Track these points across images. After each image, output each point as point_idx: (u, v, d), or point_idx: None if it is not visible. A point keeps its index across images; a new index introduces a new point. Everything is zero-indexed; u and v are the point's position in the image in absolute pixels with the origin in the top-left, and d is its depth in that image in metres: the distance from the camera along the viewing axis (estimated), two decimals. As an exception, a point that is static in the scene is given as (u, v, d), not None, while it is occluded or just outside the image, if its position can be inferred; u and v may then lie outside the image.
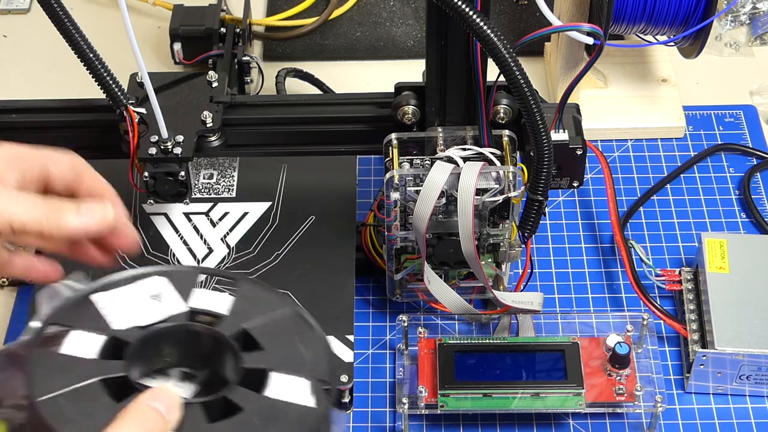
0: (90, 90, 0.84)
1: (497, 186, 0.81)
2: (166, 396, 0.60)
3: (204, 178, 0.99)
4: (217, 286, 0.74)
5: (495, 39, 0.73)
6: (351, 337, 0.88)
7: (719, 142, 1.07)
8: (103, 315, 0.65)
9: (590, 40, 0.78)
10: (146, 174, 0.85)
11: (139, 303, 0.66)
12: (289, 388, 0.63)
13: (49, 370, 0.61)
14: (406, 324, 0.87)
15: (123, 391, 0.61)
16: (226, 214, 0.97)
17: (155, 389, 0.60)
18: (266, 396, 0.63)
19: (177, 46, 1.11)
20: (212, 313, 0.67)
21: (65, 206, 0.67)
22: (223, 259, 0.93)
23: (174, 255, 0.93)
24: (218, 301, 0.68)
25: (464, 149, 0.83)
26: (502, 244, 0.87)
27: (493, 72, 0.78)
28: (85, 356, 0.62)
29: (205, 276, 0.72)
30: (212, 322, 0.66)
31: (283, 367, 0.64)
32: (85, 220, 0.67)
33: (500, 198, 0.82)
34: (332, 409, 0.64)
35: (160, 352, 0.66)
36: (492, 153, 0.82)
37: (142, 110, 0.84)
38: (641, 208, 1.01)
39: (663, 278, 0.93)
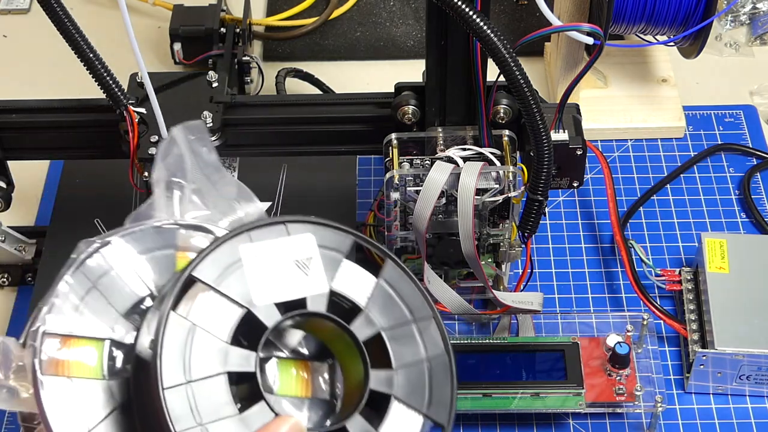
0: (90, 90, 0.84)
1: (497, 186, 0.81)
2: (294, 429, 0.57)
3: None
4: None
5: (495, 39, 0.73)
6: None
7: (719, 142, 1.07)
8: (246, 278, 0.61)
9: (590, 40, 0.78)
10: (146, 174, 0.85)
11: (282, 269, 0.62)
12: (403, 425, 0.61)
13: (180, 347, 0.57)
14: (406, 324, 0.87)
15: (247, 389, 0.58)
16: (226, 214, 0.96)
17: (282, 420, 0.57)
18: None
19: (177, 46, 1.11)
20: (351, 301, 0.63)
21: None
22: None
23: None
24: (360, 284, 0.64)
25: (464, 149, 0.83)
26: (502, 244, 0.87)
27: (493, 72, 0.78)
28: (217, 335, 0.58)
29: (351, 242, 0.66)
30: (348, 313, 0.63)
31: (405, 397, 0.62)
32: None
33: (500, 198, 0.82)
34: None
35: (291, 346, 0.63)
36: (492, 153, 0.82)
37: (142, 110, 0.84)
38: (641, 208, 1.01)
39: (663, 278, 0.93)
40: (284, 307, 0.61)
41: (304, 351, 0.64)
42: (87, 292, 0.59)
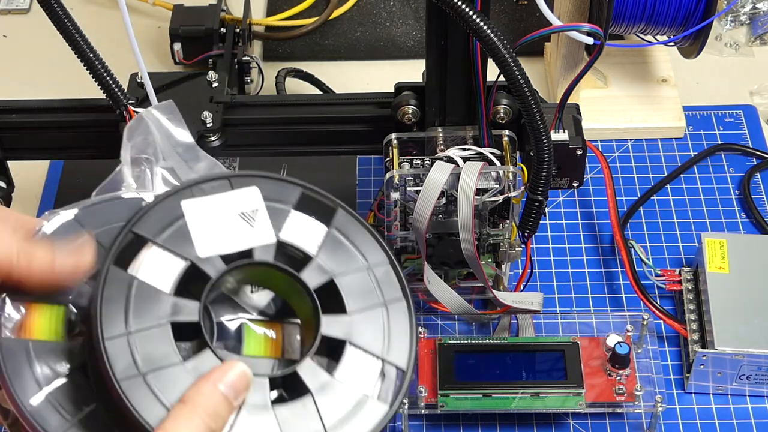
0: (90, 90, 0.84)
1: (497, 186, 0.81)
2: (238, 378, 0.56)
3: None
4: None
5: (495, 39, 0.73)
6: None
7: (719, 142, 1.07)
8: (189, 231, 0.60)
9: (590, 40, 0.78)
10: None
11: (227, 221, 0.61)
12: (360, 370, 0.60)
13: (122, 300, 0.57)
14: (406, 324, 0.87)
15: (196, 342, 0.58)
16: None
17: (227, 367, 0.56)
18: (336, 380, 0.60)
19: (177, 46, 1.11)
20: (301, 250, 0.62)
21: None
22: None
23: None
24: (309, 234, 0.63)
25: (464, 149, 0.83)
26: (502, 244, 0.87)
27: (493, 72, 0.78)
28: (160, 287, 0.58)
29: (299, 194, 0.65)
30: (299, 262, 0.62)
31: (361, 342, 0.61)
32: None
33: (500, 198, 0.82)
34: (396, 404, 0.60)
35: (238, 295, 0.62)
36: (492, 153, 0.82)
37: (142, 110, 0.84)
38: (641, 208, 1.01)
39: (663, 278, 0.93)
40: (232, 261, 0.61)
41: (272, 312, 0.63)
42: None
